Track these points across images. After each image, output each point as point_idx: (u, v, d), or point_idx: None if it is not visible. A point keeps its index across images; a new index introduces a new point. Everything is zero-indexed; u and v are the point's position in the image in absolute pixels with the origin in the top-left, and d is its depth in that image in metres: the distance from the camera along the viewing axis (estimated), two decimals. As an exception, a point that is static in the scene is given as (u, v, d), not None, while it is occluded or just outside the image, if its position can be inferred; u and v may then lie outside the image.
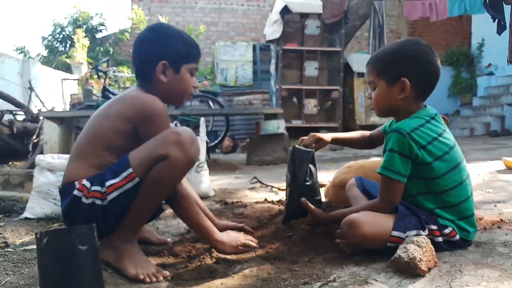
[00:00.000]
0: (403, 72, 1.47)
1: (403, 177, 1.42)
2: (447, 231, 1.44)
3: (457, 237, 1.45)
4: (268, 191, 2.94)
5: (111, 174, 1.42)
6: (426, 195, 1.47)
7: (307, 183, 1.64)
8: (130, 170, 1.40)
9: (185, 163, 1.43)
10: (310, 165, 1.66)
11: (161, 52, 1.52)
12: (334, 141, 1.87)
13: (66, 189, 1.48)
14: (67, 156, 2.13)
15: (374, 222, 1.41)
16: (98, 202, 1.42)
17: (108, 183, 1.41)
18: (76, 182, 1.45)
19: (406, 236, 1.38)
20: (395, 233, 1.40)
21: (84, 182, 1.44)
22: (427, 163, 1.42)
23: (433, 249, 1.34)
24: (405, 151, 1.40)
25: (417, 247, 1.30)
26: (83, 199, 1.43)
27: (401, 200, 1.48)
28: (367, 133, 1.91)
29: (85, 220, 1.37)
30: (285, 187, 2.99)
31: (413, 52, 1.47)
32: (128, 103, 1.51)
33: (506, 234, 1.60)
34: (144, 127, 1.47)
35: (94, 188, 1.42)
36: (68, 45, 10.81)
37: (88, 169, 1.47)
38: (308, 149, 1.71)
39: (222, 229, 1.70)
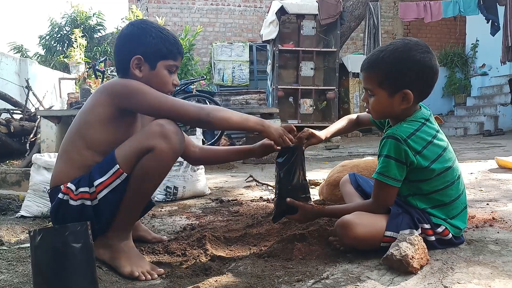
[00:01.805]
0: (406, 84, 1.42)
1: (398, 182, 1.43)
2: (440, 230, 1.45)
3: (450, 235, 1.47)
4: (263, 190, 2.96)
5: (98, 173, 1.42)
6: (417, 195, 1.48)
7: (294, 181, 1.60)
8: (117, 166, 1.40)
9: (170, 154, 1.43)
10: (299, 162, 1.62)
11: (137, 47, 1.50)
12: (328, 137, 1.85)
13: (53, 193, 1.49)
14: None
15: (367, 223, 1.41)
16: (88, 202, 1.42)
17: (96, 182, 1.41)
18: (61, 186, 1.45)
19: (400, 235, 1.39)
20: (388, 233, 1.41)
21: (69, 185, 1.44)
22: (423, 167, 1.42)
23: (425, 246, 1.35)
24: (401, 157, 1.40)
25: (409, 244, 1.31)
26: (71, 202, 1.42)
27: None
28: (353, 116, 1.90)
29: (75, 222, 1.37)
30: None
31: (416, 63, 1.41)
32: (99, 91, 1.51)
33: (498, 232, 1.62)
34: (129, 102, 1.45)
35: (81, 189, 1.42)
36: (65, 45, 10.80)
37: (73, 171, 1.47)
38: (297, 145, 1.64)
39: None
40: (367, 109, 1.57)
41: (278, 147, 1.65)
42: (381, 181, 1.43)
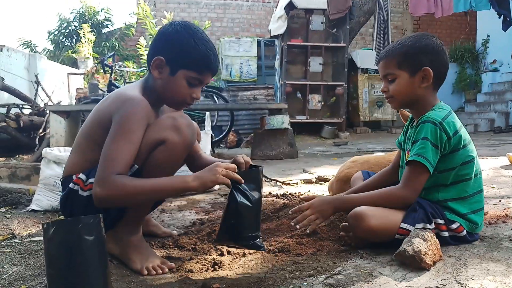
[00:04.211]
0: (425, 62, 1.49)
1: (432, 167, 1.42)
2: (454, 226, 1.45)
3: (464, 232, 1.46)
4: (272, 185, 2.95)
5: None
6: (441, 187, 1.48)
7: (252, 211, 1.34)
8: None
9: (182, 146, 1.42)
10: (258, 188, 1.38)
11: (163, 47, 1.45)
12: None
13: (65, 182, 1.50)
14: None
15: (380, 215, 1.42)
16: None
17: None
18: (73, 176, 1.46)
19: (414, 229, 1.39)
20: (404, 225, 1.41)
21: (80, 175, 1.45)
22: (453, 150, 1.45)
23: (438, 242, 1.34)
24: (437, 141, 1.42)
25: (422, 240, 1.30)
26: (80, 192, 1.43)
27: None
28: (388, 170, 1.76)
29: (83, 212, 1.36)
30: (288, 182, 3.01)
31: (431, 44, 1.51)
32: (111, 98, 1.47)
33: (511, 229, 1.60)
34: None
35: (91, 180, 1.41)
36: (74, 40, 10.86)
37: (85, 163, 1.47)
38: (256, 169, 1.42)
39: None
40: (387, 99, 1.58)
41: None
42: (418, 161, 1.42)
